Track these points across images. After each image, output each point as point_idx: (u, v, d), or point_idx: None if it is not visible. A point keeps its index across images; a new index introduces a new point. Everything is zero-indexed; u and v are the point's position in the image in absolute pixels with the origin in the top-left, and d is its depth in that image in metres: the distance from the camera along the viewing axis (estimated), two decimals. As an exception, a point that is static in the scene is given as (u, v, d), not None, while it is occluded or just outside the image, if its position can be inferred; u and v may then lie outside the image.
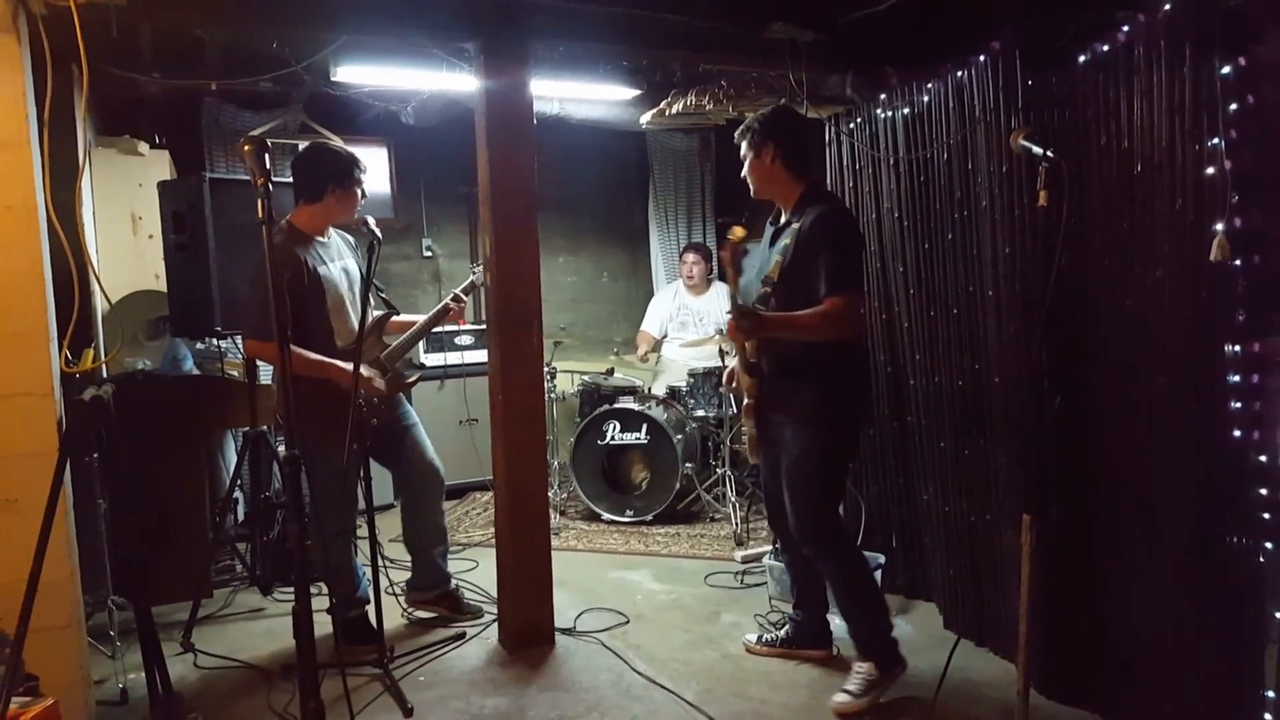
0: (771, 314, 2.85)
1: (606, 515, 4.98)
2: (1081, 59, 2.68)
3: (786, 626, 3.28)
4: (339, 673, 2.61)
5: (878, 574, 3.74)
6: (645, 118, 4.81)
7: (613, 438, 4.95)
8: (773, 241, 2.97)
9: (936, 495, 3.45)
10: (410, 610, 3.63)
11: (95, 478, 3.04)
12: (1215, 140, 2.28)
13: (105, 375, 3.61)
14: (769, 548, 4.01)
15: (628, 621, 3.60)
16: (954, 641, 2.90)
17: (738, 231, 2.79)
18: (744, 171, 2.99)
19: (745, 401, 3.10)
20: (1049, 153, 2.29)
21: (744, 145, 2.97)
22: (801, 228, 2.83)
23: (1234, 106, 2.25)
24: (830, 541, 2.96)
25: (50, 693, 2.31)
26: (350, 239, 3.47)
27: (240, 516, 4.25)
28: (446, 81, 3.95)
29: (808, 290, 2.79)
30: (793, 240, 2.84)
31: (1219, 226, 2.26)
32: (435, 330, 3.71)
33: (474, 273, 3.52)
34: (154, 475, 3.66)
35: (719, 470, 4.98)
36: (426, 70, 3.93)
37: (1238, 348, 2.28)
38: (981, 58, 2.98)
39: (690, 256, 5.63)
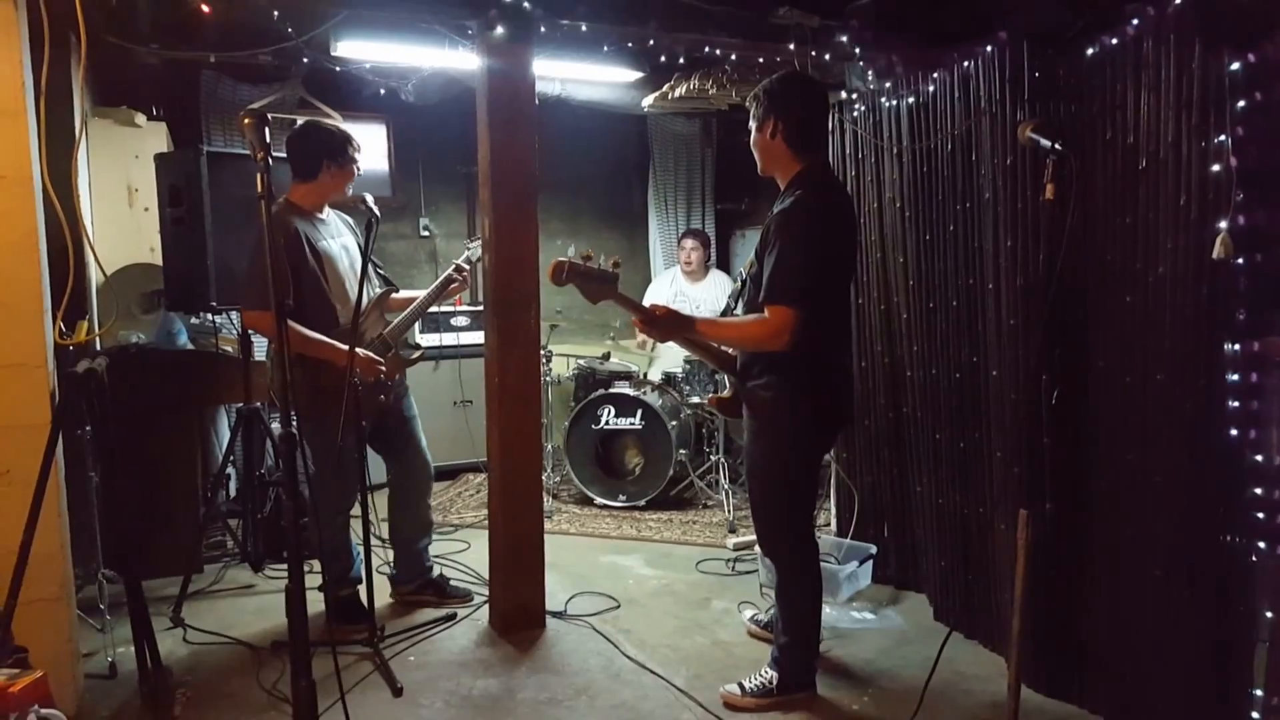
0: (694, 316, 2.70)
1: (599, 500, 4.98)
2: (1090, 52, 2.66)
3: (771, 611, 3.24)
4: (329, 651, 2.61)
5: (868, 565, 3.76)
6: (647, 101, 4.78)
7: (607, 422, 4.94)
8: None
9: (930, 487, 3.45)
10: (394, 600, 3.61)
11: (88, 450, 3.02)
12: (1221, 137, 2.27)
13: (99, 348, 3.59)
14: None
15: (618, 606, 3.60)
16: (945, 633, 2.91)
17: (581, 256, 2.56)
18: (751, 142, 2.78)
19: (711, 394, 3.02)
20: (1058, 145, 2.27)
21: (750, 114, 2.76)
22: (774, 217, 2.65)
23: (1241, 103, 2.23)
24: (781, 552, 2.86)
25: (39, 665, 2.30)
26: (348, 218, 3.45)
27: (233, 492, 4.24)
28: (448, 59, 3.92)
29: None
30: (764, 231, 2.67)
31: (1223, 224, 2.25)
32: (431, 311, 3.69)
33: (468, 248, 3.48)
34: (147, 449, 3.65)
35: (713, 457, 4.98)
36: (428, 47, 3.89)
37: (1237, 346, 2.28)
38: (989, 48, 2.96)
39: (689, 242, 5.61)
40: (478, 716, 2.77)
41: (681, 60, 4.18)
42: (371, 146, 5.77)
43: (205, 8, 3.21)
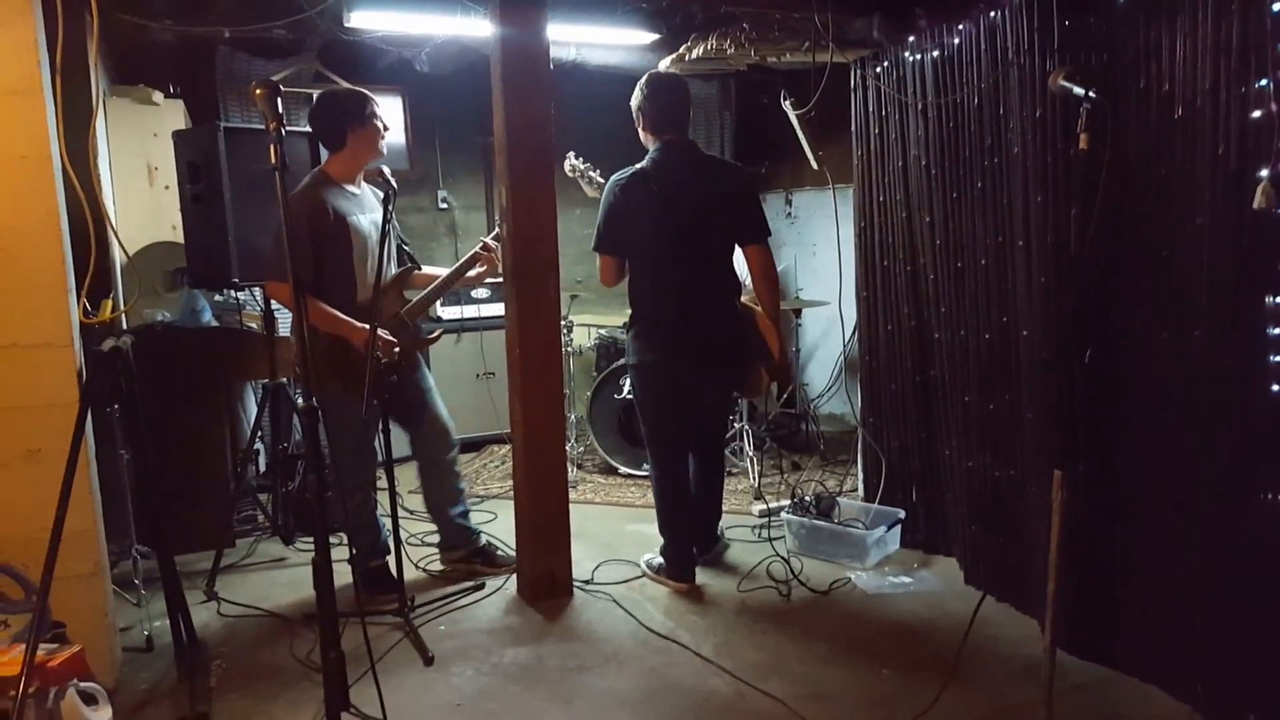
0: None
1: (623, 469, 4.98)
2: (1121, -2, 2.57)
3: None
4: (360, 621, 2.63)
5: (896, 529, 3.74)
6: (664, 63, 4.70)
7: (629, 392, 4.92)
8: None
9: (959, 450, 3.41)
10: (445, 569, 3.63)
11: (117, 428, 3.05)
12: (1263, 82, 2.18)
13: (125, 327, 3.61)
14: (787, 502, 4.00)
15: (644, 574, 3.60)
16: (975, 597, 2.88)
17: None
18: None
19: None
20: (1091, 93, 2.19)
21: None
22: None
23: (1283, 45, 2.15)
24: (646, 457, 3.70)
25: (77, 639, 2.34)
26: (381, 194, 3.42)
27: (261, 467, 4.28)
28: (461, 26, 3.87)
29: None
30: None
31: (1264, 173, 2.17)
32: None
33: (500, 225, 3.46)
34: (175, 426, 3.68)
35: (736, 425, 4.96)
36: (441, 15, 3.85)
37: (1279, 299, 2.21)
38: (1016, -3, 2.87)
39: (710, 208, 5.55)
40: (509, 684, 2.78)
41: (698, 20, 4.10)
42: (388, 119, 5.71)
43: None
